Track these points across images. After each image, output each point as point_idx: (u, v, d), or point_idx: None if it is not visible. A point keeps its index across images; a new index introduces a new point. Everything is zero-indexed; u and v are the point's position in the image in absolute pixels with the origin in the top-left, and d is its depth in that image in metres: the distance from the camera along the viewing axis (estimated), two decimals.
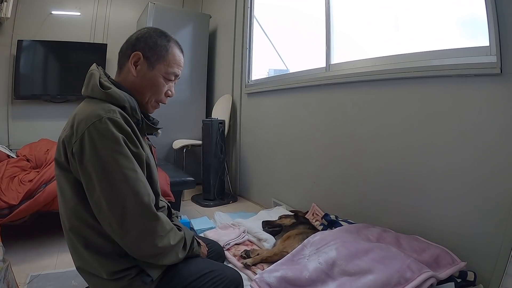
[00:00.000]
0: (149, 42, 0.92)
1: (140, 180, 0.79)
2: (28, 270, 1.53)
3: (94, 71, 0.89)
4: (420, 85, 1.53)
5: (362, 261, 1.21)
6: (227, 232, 1.82)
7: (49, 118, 3.37)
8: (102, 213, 0.76)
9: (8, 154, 2.45)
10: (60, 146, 0.82)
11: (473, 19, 1.45)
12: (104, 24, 3.60)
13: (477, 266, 1.28)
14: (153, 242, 0.78)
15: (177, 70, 0.96)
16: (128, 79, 0.92)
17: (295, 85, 2.37)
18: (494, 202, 1.26)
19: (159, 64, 0.92)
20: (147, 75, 0.91)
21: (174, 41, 0.96)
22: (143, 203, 0.78)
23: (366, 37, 2.08)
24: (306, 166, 2.28)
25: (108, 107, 0.80)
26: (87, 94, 0.87)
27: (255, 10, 3.02)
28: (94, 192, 0.76)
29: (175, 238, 0.85)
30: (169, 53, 0.93)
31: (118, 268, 0.81)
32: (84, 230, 0.81)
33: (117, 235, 0.77)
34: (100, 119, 0.76)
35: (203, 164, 2.96)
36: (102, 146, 0.75)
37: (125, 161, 0.77)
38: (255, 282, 1.19)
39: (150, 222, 0.79)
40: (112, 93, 0.84)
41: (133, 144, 0.81)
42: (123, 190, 0.76)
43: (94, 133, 0.75)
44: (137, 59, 0.91)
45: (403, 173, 1.61)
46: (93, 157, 0.74)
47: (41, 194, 1.71)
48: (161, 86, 0.94)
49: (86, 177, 0.76)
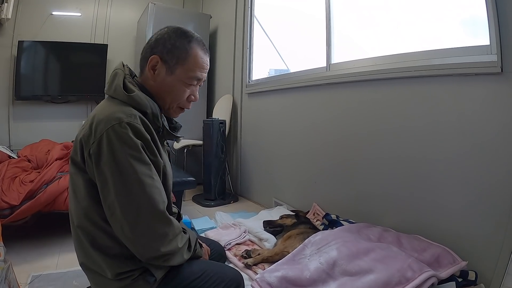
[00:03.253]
0: (167, 44, 0.85)
1: (156, 187, 0.78)
2: (29, 270, 1.54)
3: (119, 71, 0.85)
4: (421, 84, 1.53)
5: (363, 261, 1.21)
6: (228, 232, 1.82)
7: (50, 118, 3.38)
8: (115, 217, 0.75)
9: (9, 155, 2.46)
10: (77, 145, 0.80)
11: (473, 18, 1.45)
12: (105, 25, 3.60)
13: (478, 265, 1.28)
14: (162, 246, 0.78)
15: (199, 74, 0.88)
16: (148, 84, 0.87)
17: (296, 85, 2.37)
18: (495, 201, 1.26)
19: (179, 68, 0.85)
20: (166, 80, 0.86)
21: (197, 41, 0.88)
22: (158, 210, 0.77)
23: (367, 36, 2.07)
24: (307, 165, 2.27)
25: (129, 111, 0.77)
26: (109, 93, 0.84)
27: (256, 10, 3.02)
28: (108, 195, 0.75)
29: (182, 240, 0.85)
30: (190, 55, 0.86)
31: (123, 269, 0.80)
32: (93, 230, 0.80)
33: (127, 239, 0.76)
34: (120, 123, 0.74)
35: (204, 164, 2.96)
36: (120, 150, 0.73)
37: (142, 167, 0.76)
38: (256, 282, 1.19)
39: (163, 228, 0.78)
40: (135, 97, 0.80)
41: (151, 152, 0.79)
42: (138, 196, 0.75)
43: (112, 136, 0.73)
44: (155, 63, 0.85)
45: (404, 173, 1.61)
46: (110, 160, 0.73)
47: (42, 195, 1.72)
48: (181, 92, 0.88)
49: (102, 179, 0.75)
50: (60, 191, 1.78)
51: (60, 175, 1.89)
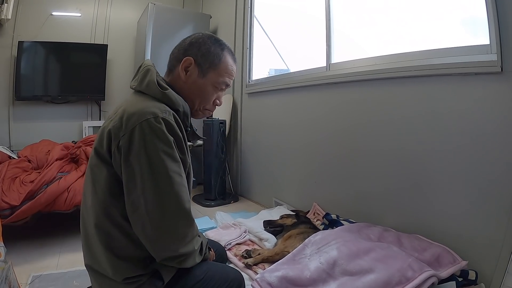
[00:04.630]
0: (202, 48, 0.89)
1: (184, 185, 0.78)
2: (30, 271, 1.54)
3: (151, 67, 0.86)
4: (421, 84, 1.53)
5: (363, 261, 1.21)
6: (228, 232, 1.82)
7: (50, 119, 3.38)
8: (137, 213, 0.74)
9: (10, 155, 2.46)
10: (104, 136, 0.77)
11: (473, 17, 1.45)
12: (105, 25, 3.60)
13: (479, 265, 1.28)
14: (181, 247, 0.77)
15: (228, 80, 0.93)
16: (178, 83, 0.89)
17: (296, 84, 2.37)
18: (495, 201, 1.26)
19: (211, 72, 0.89)
20: (197, 82, 0.89)
21: (228, 49, 0.93)
22: (185, 209, 0.77)
23: (366, 36, 2.07)
24: (307, 165, 2.28)
25: (164, 107, 0.78)
26: (139, 89, 0.84)
27: (256, 10, 3.02)
28: (134, 190, 0.73)
29: (198, 243, 0.85)
30: (222, 61, 0.90)
31: (132, 274, 0.79)
32: (111, 228, 0.78)
33: (147, 238, 0.75)
34: (155, 117, 0.73)
35: (204, 164, 2.96)
36: (152, 144, 0.72)
37: (173, 164, 0.75)
38: (256, 281, 1.19)
39: (185, 228, 0.78)
40: (169, 94, 0.82)
41: (181, 150, 0.79)
42: (166, 193, 0.74)
43: (146, 129, 0.72)
44: (188, 64, 0.88)
45: (404, 173, 1.61)
46: (140, 153, 0.72)
47: (43, 195, 1.72)
48: (209, 95, 0.91)
49: (129, 173, 0.73)
50: (60, 191, 1.78)
51: (60, 176, 1.89)
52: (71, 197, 1.81)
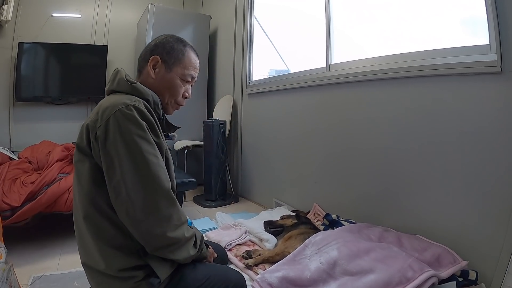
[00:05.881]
0: (166, 46, 0.98)
1: (161, 166, 0.82)
2: (31, 272, 1.54)
3: (120, 70, 0.95)
4: (421, 84, 1.53)
5: (363, 261, 1.21)
6: (228, 232, 1.82)
7: (50, 120, 3.38)
8: (120, 198, 0.76)
9: (10, 156, 2.46)
10: (83, 131, 0.83)
11: (473, 17, 1.45)
12: (105, 26, 3.61)
13: (479, 265, 1.28)
14: (168, 231, 0.79)
15: (193, 72, 1.01)
16: (148, 81, 0.96)
17: (296, 85, 2.37)
18: (495, 201, 1.26)
19: (176, 66, 0.97)
20: (165, 77, 0.97)
21: (190, 46, 1.02)
22: (164, 188, 0.80)
23: (366, 36, 2.07)
24: (307, 166, 2.28)
25: (134, 98, 0.84)
26: (112, 88, 0.91)
27: (256, 11, 3.03)
28: (114, 175, 0.77)
29: (188, 232, 0.86)
30: (186, 56, 0.99)
31: (125, 265, 0.80)
32: (98, 218, 0.81)
33: (132, 222, 0.77)
34: (126, 106, 0.79)
35: (204, 165, 2.96)
36: (126, 130, 0.77)
37: (148, 146, 0.79)
38: (257, 282, 1.19)
39: (168, 208, 0.80)
40: (137, 86, 0.89)
41: (155, 134, 0.84)
42: (144, 175, 0.77)
43: (120, 117, 0.78)
44: (155, 62, 0.96)
45: (404, 173, 1.61)
46: (116, 140, 0.76)
47: (43, 196, 1.72)
48: (178, 87, 0.99)
49: (108, 160, 0.77)
50: (61, 192, 1.79)
51: (60, 177, 1.90)
52: (72, 198, 1.81)
